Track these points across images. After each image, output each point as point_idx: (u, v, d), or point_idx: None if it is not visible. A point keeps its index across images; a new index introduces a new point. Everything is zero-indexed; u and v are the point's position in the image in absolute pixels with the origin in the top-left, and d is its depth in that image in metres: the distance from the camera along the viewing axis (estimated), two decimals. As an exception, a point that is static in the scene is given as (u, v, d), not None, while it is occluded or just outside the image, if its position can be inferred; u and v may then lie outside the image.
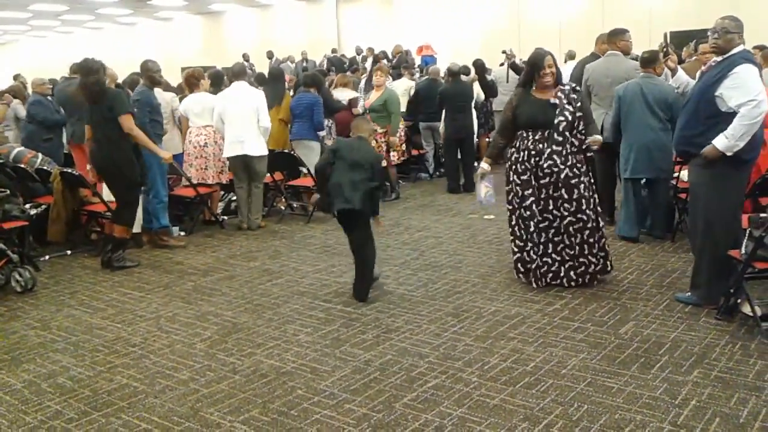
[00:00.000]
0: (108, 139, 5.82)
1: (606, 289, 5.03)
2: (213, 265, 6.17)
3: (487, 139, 11.13)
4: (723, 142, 4.23)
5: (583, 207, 4.98)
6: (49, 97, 7.79)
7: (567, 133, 4.94)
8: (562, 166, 4.92)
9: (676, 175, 6.33)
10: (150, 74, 6.77)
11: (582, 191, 4.97)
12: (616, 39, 6.74)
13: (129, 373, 3.95)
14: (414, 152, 10.37)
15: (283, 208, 8.29)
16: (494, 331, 4.34)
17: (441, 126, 9.61)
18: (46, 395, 3.72)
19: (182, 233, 7.28)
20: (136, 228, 6.72)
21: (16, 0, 21.30)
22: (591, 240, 5.03)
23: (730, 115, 4.23)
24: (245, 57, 19.42)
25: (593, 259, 5.06)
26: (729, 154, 4.24)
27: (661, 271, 5.43)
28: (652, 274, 5.35)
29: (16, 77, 14.43)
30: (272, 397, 3.60)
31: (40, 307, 5.18)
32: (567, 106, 4.93)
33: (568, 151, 4.95)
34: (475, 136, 9.83)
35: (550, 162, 4.92)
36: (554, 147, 4.93)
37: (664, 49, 6.02)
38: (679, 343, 4.05)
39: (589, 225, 5.01)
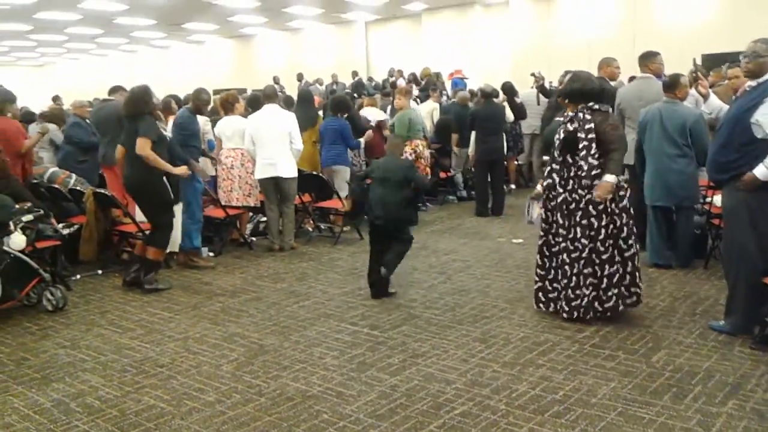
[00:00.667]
0: (139, 160, 5.89)
1: (637, 317, 4.95)
2: (241, 286, 6.20)
3: (515, 162, 11.11)
4: (764, 172, 4.17)
5: (578, 235, 4.74)
6: (87, 120, 7.95)
7: (565, 153, 4.76)
8: (560, 189, 4.81)
9: (708, 200, 6.24)
10: (199, 103, 6.97)
11: (579, 219, 4.73)
12: (647, 62, 6.70)
13: (156, 394, 3.97)
14: (442, 175, 10.37)
15: (311, 229, 8.33)
16: (522, 358, 4.28)
17: (471, 148, 9.61)
18: (74, 415, 3.75)
19: (211, 254, 7.33)
20: (173, 248, 6.79)
21: (53, 23, 21.84)
22: (586, 272, 4.74)
23: (767, 142, 4.16)
24: (275, 80, 19.65)
25: (587, 292, 4.76)
26: None
27: (694, 298, 5.33)
28: (685, 302, 5.25)
29: (55, 99, 14.72)
30: (297, 420, 3.58)
31: (71, 327, 5.24)
32: (568, 125, 4.77)
33: (570, 174, 4.76)
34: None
35: (549, 181, 4.88)
36: (553, 165, 4.86)
37: (693, 75, 5.95)
38: (713, 373, 3.96)
39: (584, 255, 4.72)
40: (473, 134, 9.46)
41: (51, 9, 19.39)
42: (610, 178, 4.63)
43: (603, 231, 4.73)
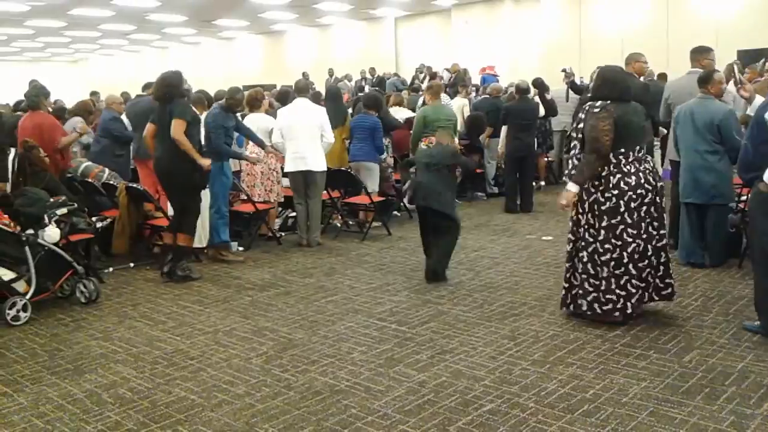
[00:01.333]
0: (171, 144, 5.95)
1: (670, 316, 4.88)
2: (270, 280, 6.23)
3: (545, 159, 11.00)
4: None
5: (570, 230, 4.87)
6: (123, 115, 8.06)
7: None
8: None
9: (743, 198, 6.13)
10: (233, 102, 7.01)
11: (572, 215, 4.82)
12: (700, 56, 6.56)
13: (187, 386, 4.01)
14: (470, 171, 10.31)
15: (339, 225, 8.35)
16: (552, 356, 4.25)
17: (501, 144, 9.55)
18: (106, 405, 3.81)
19: (240, 248, 7.39)
20: (203, 243, 6.90)
21: (87, 19, 22.17)
22: (567, 266, 4.90)
23: None
24: (305, 75, 19.71)
25: (566, 285, 4.91)
26: None
27: (728, 297, 5.24)
28: (718, 301, 5.17)
29: (93, 94, 14.92)
30: (326, 415, 3.59)
31: (103, 319, 5.32)
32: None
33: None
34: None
35: None
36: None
37: (733, 77, 5.87)
38: (747, 374, 3.88)
39: (567, 249, 4.87)
40: (504, 130, 9.40)
41: (85, 6, 19.69)
42: (570, 186, 4.66)
43: (582, 230, 4.75)
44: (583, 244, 4.72)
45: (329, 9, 22.09)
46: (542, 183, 10.90)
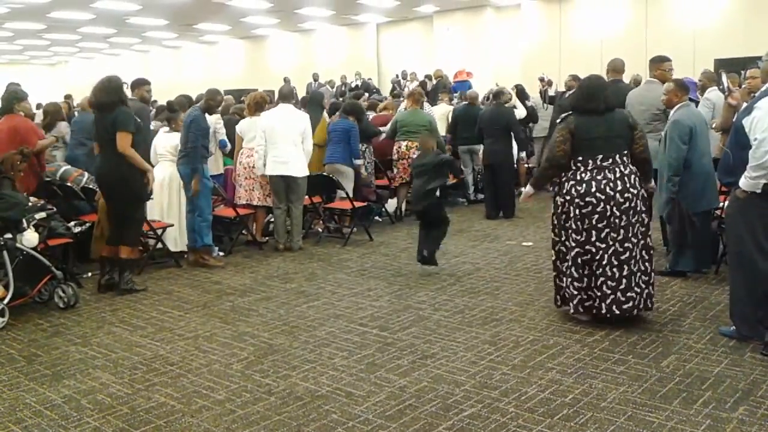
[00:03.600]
0: (113, 154, 5.77)
1: (647, 321, 4.93)
2: (250, 285, 6.22)
3: (526, 165, 11.06)
4: (744, 182, 4.23)
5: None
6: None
7: None
8: None
9: (720, 205, 6.21)
10: (212, 103, 6.95)
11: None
12: (653, 66, 6.64)
13: (167, 392, 3.99)
14: (451, 178, 10.32)
15: (320, 230, 8.34)
16: (532, 361, 4.28)
17: (481, 150, 9.59)
18: (85, 411, 3.77)
19: (221, 253, 7.36)
20: (178, 247, 6.87)
21: (66, 22, 21.97)
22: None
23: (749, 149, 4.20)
24: (286, 80, 19.70)
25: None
26: (758, 191, 4.19)
27: (705, 303, 5.31)
28: (695, 307, 5.23)
29: (67, 97, 14.80)
30: (307, 420, 3.59)
31: (82, 324, 5.27)
32: None
33: None
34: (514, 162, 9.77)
35: None
36: None
37: (720, 87, 5.98)
38: (723, 379, 3.94)
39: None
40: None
41: (64, 8, 19.51)
42: (527, 188, 5.36)
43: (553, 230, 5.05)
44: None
45: (311, 14, 22.09)
46: (522, 189, 10.92)
